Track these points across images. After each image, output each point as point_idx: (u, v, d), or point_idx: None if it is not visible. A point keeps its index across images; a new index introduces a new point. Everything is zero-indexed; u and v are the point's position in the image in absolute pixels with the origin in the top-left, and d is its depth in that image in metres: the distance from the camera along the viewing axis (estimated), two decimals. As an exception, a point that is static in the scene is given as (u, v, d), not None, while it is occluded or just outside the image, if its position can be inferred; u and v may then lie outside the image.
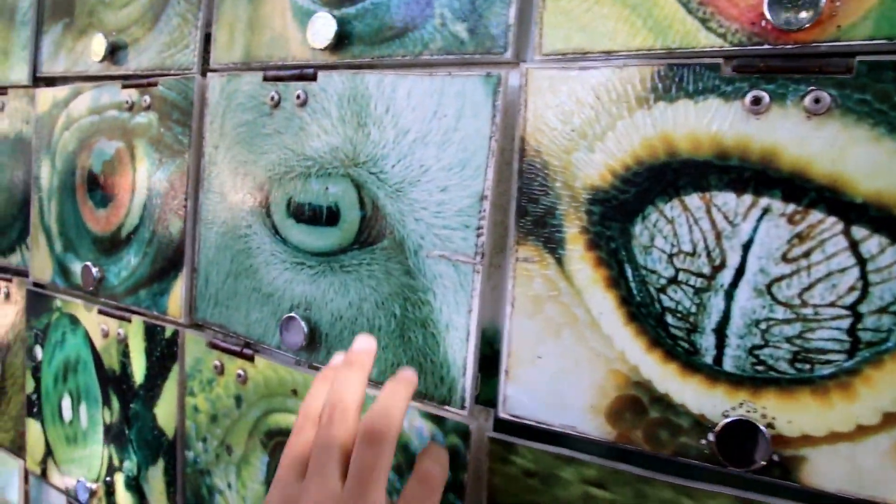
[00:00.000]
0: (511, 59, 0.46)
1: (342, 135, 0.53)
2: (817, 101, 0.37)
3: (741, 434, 0.39)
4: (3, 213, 0.82)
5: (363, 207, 0.52)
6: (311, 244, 0.55)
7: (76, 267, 0.73)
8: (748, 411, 0.39)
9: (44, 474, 0.80)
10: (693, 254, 0.40)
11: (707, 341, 0.40)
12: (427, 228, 0.49)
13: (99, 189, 0.70)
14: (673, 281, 0.41)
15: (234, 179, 0.60)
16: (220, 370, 0.60)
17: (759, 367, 0.39)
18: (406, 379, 0.44)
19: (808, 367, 0.37)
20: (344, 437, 0.40)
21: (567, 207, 0.44)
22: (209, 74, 0.62)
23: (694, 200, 0.40)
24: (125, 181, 0.68)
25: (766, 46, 0.38)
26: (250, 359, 0.58)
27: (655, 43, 0.41)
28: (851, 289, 0.36)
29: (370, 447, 0.39)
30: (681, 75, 0.40)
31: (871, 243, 0.36)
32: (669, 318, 0.41)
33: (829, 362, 0.37)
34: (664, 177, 0.41)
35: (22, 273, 0.81)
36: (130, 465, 0.69)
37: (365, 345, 0.46)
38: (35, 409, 0.79)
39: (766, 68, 0.38)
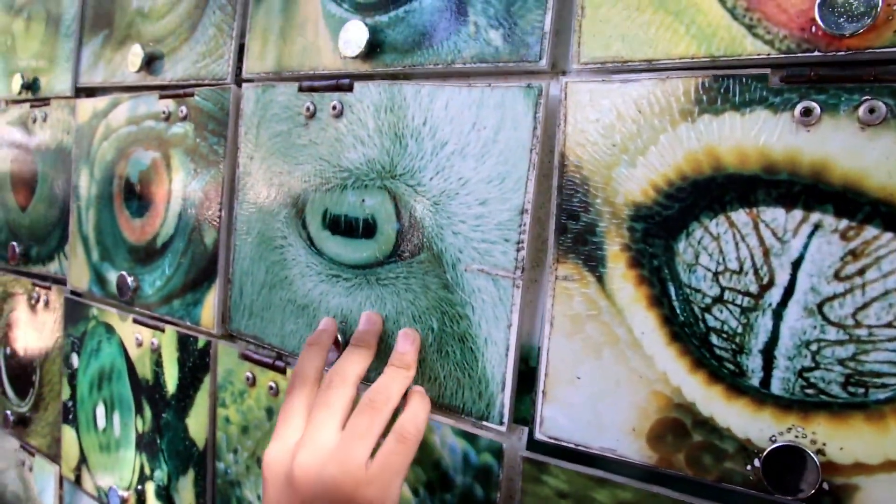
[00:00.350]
0: (545, 67, 0.45)
1: (379, 146, 0.52)
2: (872, 111, 0.35)
3: (789, 460, 0.37)
4: (44, 222, 0.83)
5: (400, 220, 0.51)
6: (347, 257, 0.55)
7: (112, 276, 0.73)
8: (797, 436, 0.37)
9: (77, 480, 0.81)
10: (740, 272, 0.39)
11: (754, 363, 0.38)
12: (465, 242, 0.48)
13: (135, 199, 0.71)
14: (718, 300, 0.39)
15: (269, 190, 0.60)
16: (252, 382, 0.60)
17: (809, 391, 0.37)
18: (406, 365, 0.48)
19: (861, 391, 0.36)
20: (342, 401, 0.45)
21: (608, 224, 0.43)
22: (244, 85, 0.62)
23: (741, 216, 0.39)
24: (161, 191, 0.68)
25: (816, 53, 0.37)
26: (282, 371, 0.58)
27: (699, 50, 0.40)
28: (910, 310, 0.35)
29: (367, 414, 0.44)
30: (726, 86, 0.39)
31: (932, 262, 0.34)
32: (714, 339, 0.39)
33: (884, 386, 0.35)
34: (709, 192, 0.39)
35: (60, 281, 0.82)
36: (161, 474, 0.70)
37: (370, 326, 0.51)
38: (70, 416, 0.80)
39: (817, 78, 0.37)
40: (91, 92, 0.78)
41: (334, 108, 0.55)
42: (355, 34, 0.53)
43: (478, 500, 0.47)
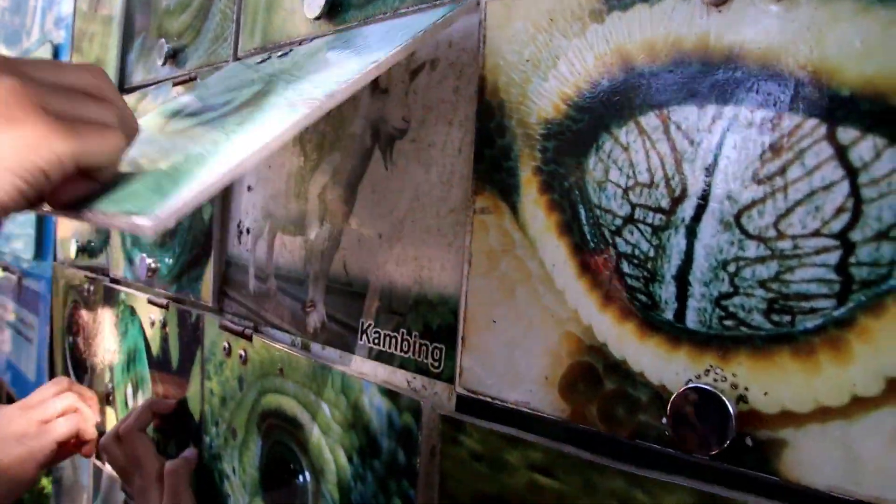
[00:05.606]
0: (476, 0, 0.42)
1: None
2: (789, -25, 0.29)
3: (701, 407, 0.30)
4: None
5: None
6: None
7: (142, 262, 0.77)
8: (715, 380, 0.30)
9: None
10: (650, 184, 0.33)
11: (667, 292, 0.32)
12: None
13: (155, 183, 0.74)
14: (629, 220, 0.34)
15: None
16: (228, 352, 0.60)
17: (728, 322, 0.30)
18: None
19: (787, 318, 0.29)
20: None
21: (522, 146, 0.38)
22: (231, 62, 0.63)
23: (651, 120, 0.33)
24: (173, 173, 0.71)
25: (732, -74, 0.31)
26: (249, 338, 0.57)
27: (613, -54, 0.35)
28: (840, 210, 0.27)
29: None
30: (636, -24, 0.34)
31: (863, 147, 0.27)
32: (626, 266, 0.34)
33: (814, 311, 0.28)
34: (619, 97, 0.34)
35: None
36: (172, 450, 0.70)
37: None
38: (110, 398, 0.84)
39: (728, -52, 0.31)
40: (131, 91, 0.84)
41: (295, 68, 0.54)
42: (315, -6, 0.52)
43: (401, 466, 0.42)
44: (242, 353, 0.58)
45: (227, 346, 0.60)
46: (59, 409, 0.70)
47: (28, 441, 0.66)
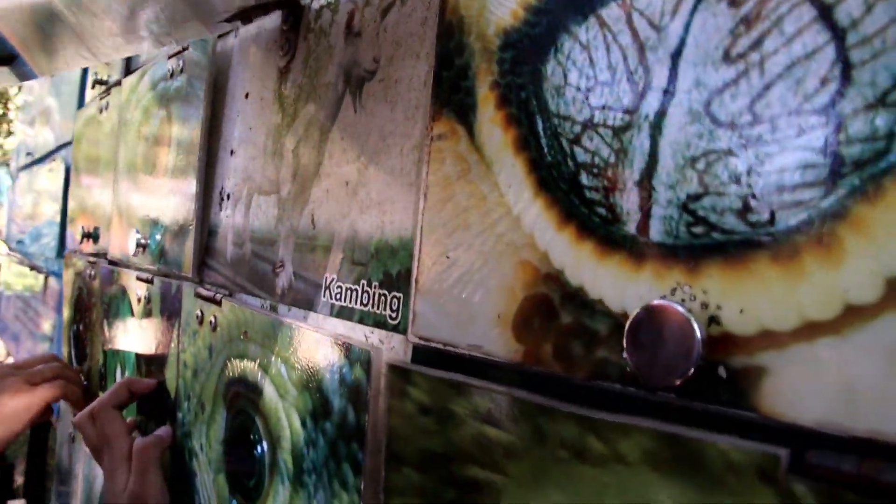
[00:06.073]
0: None
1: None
2: None
3: (660, 328, 0.25)
4: (102, 202, 0.88)
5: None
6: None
7: (132, 238, 0.75)
8: (683, 299, 0.25)
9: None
10: (612, 82, 0.28)
11: (629, 201, 0.27)
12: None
13: (149, 159, 0.72)
14: (588, 125, 0.29)
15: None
16: (200, 320, 0.57)
17: (698, 229, 0.25)
18: None
19: (766, 217, 0.24)
20: None
21: (479, 62, 0.34)
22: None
23: (612, 11, 0.29)
24: (164, 146, 0.69)
25: None
26: (219, 303, 0.54)
27: None
28: (825, 81, 0.22)
29: None
30: None
31: (852, 2, 0.22)
32: (584, 178, 0.29)
33: (797, 205, 0.23)
34: (580, -11, 0.30)
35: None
36: (151, 432, 0.67)
37: None
38: (103, 383, 0.82)
39: None
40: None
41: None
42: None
43: (350, 427, 0.38)
44: (213, 320, 0.54)
45: (199, 313, 0.57)
46: (46, 375, 0.72)
47: (21, 395, 0.69)
